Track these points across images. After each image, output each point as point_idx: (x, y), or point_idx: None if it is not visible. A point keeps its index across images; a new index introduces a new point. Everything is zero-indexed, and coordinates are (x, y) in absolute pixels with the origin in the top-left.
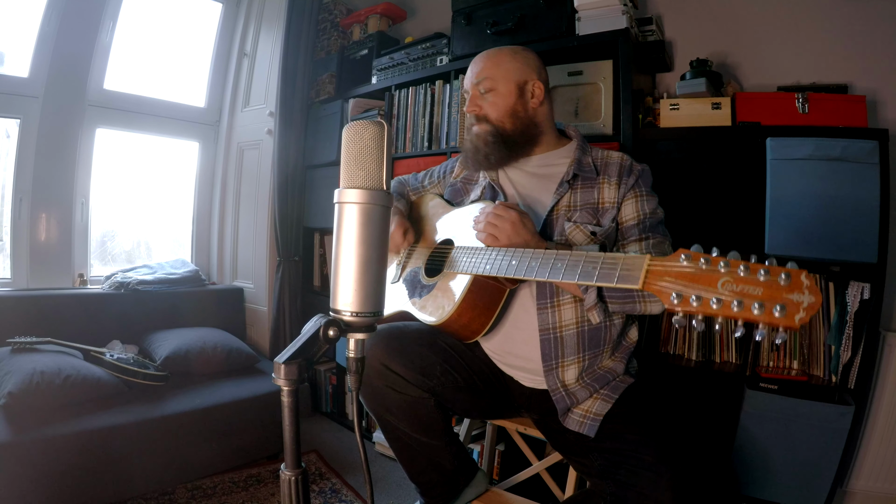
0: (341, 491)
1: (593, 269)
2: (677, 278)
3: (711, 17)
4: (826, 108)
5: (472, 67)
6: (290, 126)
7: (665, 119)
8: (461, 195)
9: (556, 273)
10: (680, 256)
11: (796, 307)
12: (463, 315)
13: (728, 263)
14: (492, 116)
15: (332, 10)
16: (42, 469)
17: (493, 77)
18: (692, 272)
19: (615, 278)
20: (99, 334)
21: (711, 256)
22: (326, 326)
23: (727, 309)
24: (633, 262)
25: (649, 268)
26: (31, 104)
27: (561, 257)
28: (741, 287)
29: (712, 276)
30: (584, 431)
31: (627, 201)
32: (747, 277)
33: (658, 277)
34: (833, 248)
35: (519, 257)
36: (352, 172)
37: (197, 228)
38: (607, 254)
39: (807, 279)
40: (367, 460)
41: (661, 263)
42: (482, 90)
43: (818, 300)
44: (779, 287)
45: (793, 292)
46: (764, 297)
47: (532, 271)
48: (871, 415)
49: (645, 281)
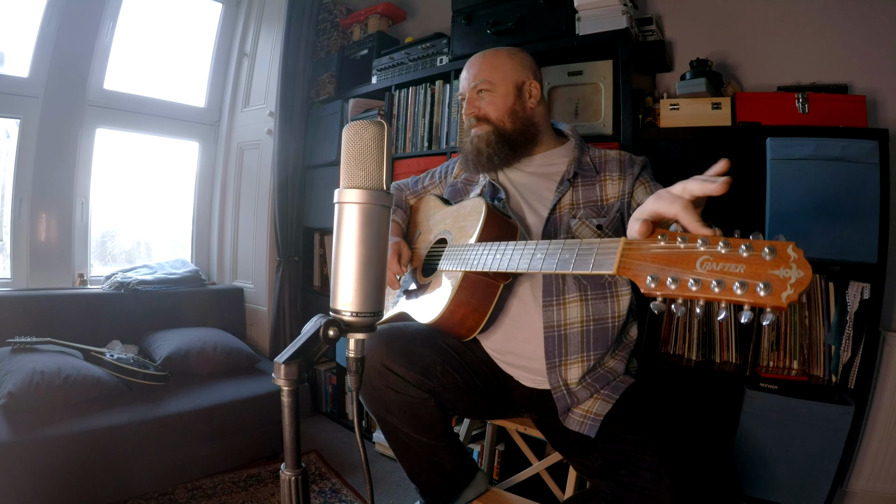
0: (341, 491)
1: (570, 256)
2: (653, 260)
3: (711, 17)
4: (826, 108)
5: (467, 70)
6: (290, 126)
7: (665, 119)
8: (461, 195)
9: (537, 263)
10: (657, 237)
11: (782, 284)
12: (456, 312)
13: (707, 241)
14: (492, 117)
15: (332, 10)
16: (42, 469)
17: (491, 79)
18: (669, 253)
19: (591, 264)
20: (99, 334)
21: (689, 234)
22: (326, 326)
23: (707, 290)
24: (608, 247)
25: (624, 251)
26: (31, 104)
27: (541, 247)
28: (722, 265)
29: (690, 255)
30: (584, 432)
31: (639, 188)
32: (728, 254)
33: (633, 261)
34: (833, 248)
35: (503, 251)
36: (352, 172)
37: (197, 228)
38: (584, 240)
39: (794, 252)
40: (367, 460)
41: (636, 245)
42: (480, 92)
43: (808, 275)
44: (763, 263)
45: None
46: (747, 275)
47: (514, 263)
48: (871, 415)
49: (620, 265)
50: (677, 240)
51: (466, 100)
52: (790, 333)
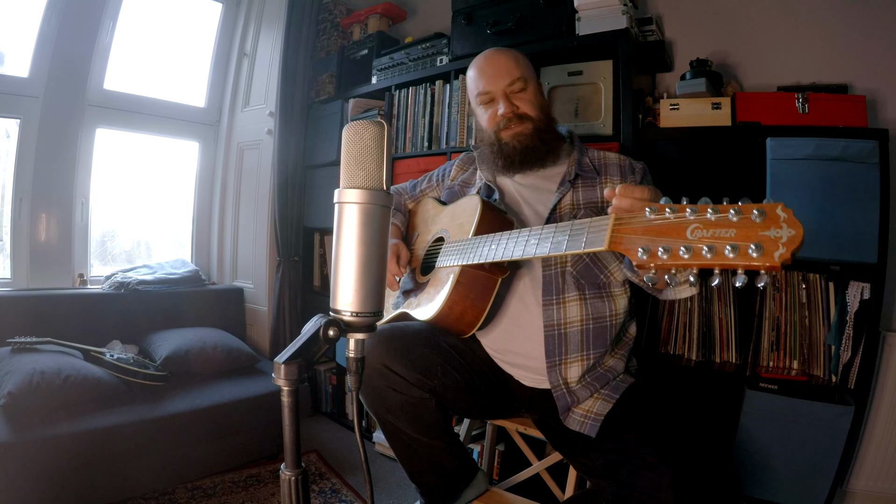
0: (341, 491)
1: (563, 237)
2: (644, 233)
3: (711, 17)
4: (826, 108)
5: (493, 69)
6: (290, 126)
7: (665, 119)
8: (458, 197)
9: (531, 249)
10: (645, 210)
11: (774, 244)
12: (454, 307)
13: (696, 209)
14: (532, 114)
15: (332, 10)
16: (42, 469)
17: (524, 76)
18: (659, 224)
19: (583, 243)
20: (99, 334)
21: (679, 205)
22: (326, 326)
23: (698, 256)
24: (599, 224)
25: (615, 226)
26: (31, 104)
27: (534, 233)
28: (712, 231)
29: (680, 224)
30: (585, 431)
31: None
32: (718, 220)
33: (624, 235)
34: (833, 248)
35: (497, 241)
36: (352, 172)
37: (197, 228)
38: (576, 221)
39: (783, 212)
40: (367, 460)
41: (626, 220)
42: (517, 90)
43: (799, 233)
44: (753, 225)
45: (769, 228)
46: (737, 239)
47: (509, 251)
48: (871, 415)
49: (611, 241)
50: (665, 211)
51: (498, 99)
52: (790, 333)
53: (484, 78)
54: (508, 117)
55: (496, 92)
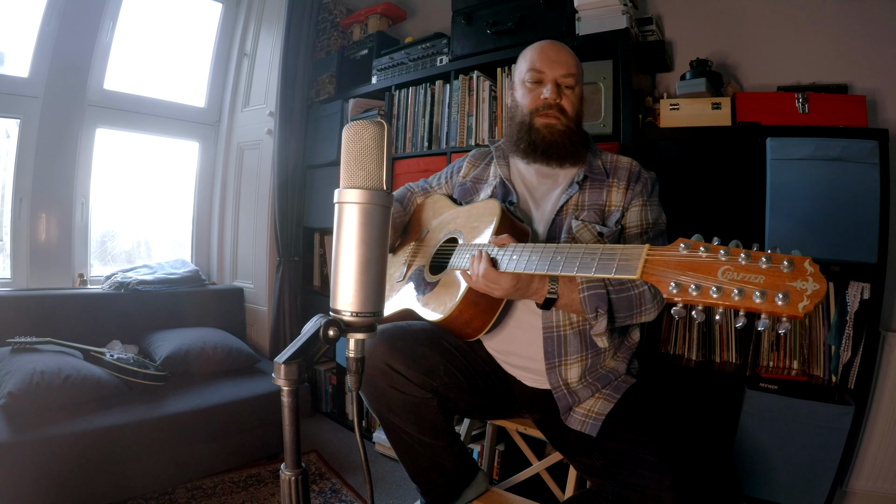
0: (341, 491)
1: (592, 259)
2: (676, 268)
3: (711, 17)
4: (826, 108)
5: (555, 55)
6: (290, 126)
7: (665, 119)
8: (471, 194)
9: (556, 266)
10: (679, 245)
11: (799, 295)
12: (464, 312)
13: (729, 252)
14: (570, 113)
15: (332, 10)
16: (42, 469)
17: (577, 77)
18: (691, 261)
19: (613, 269)
20: (99, 334)
21: (711, 245)
22: (326, 326)
23: (727, 298)
24: (632, 253)
25: (648, 257)
26: (31, 104)
27: (561, 250)
28: (742, 275)
29: (712, 264)
30: (586, 431)
31: (633, 208)
32: (749, 265)
33: (656, 267)
34: (833, 248)
35: (520, 252)
36: (352, 172)
37: (197, 228)
38: (606, 245)
39: (811, 266)
40: (367, 460)
41: (659, 253)
42: (568, 84)
43: (823, 287)
44: (781, 274)
45: (796, 280)
46: (766, 285)
47: (532, 265)
48: (871, 415)
49: (643, 271)
50: (700, 249)
51: (548, 83)
52: (790, 333)
53: (543, 58)
54: (550, 104)
55: (549, 76)
